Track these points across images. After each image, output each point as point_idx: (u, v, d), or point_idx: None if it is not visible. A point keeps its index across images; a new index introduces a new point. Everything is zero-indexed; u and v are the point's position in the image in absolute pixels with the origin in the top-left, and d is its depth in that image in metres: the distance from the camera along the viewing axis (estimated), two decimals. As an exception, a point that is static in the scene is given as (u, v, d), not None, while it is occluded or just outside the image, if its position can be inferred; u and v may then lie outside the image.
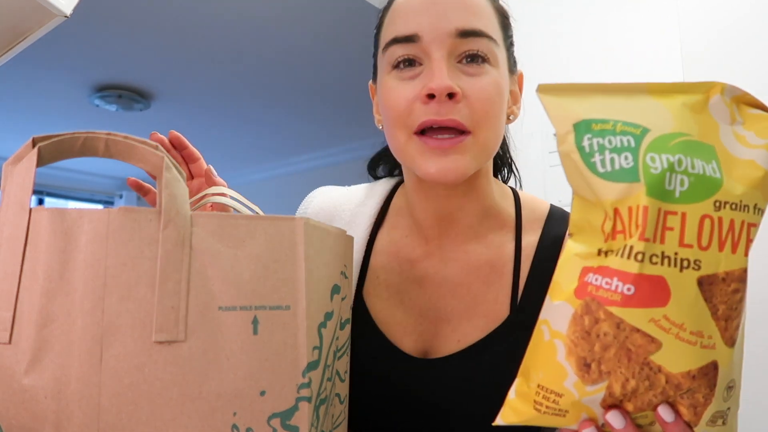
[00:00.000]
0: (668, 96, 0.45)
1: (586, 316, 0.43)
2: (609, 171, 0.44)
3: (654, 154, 0.42)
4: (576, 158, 0.45)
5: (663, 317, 0.41)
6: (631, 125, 0.44)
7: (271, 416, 0.44)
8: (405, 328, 0.65)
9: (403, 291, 0.67)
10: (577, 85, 0.48)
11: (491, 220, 0.67)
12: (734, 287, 0.41)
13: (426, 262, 0.67)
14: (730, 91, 0.44)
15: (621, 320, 0.41)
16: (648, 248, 0.41)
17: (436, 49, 0.58)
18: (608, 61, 1.63)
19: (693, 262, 0.41)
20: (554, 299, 0.46)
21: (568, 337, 0.44)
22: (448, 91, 0.56)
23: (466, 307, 0.64)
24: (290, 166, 4.46)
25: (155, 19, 2.45)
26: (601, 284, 0.43)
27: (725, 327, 0.41)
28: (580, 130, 0.46)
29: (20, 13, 0.47)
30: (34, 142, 0.45)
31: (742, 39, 1.29)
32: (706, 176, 0.42)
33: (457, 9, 0.58)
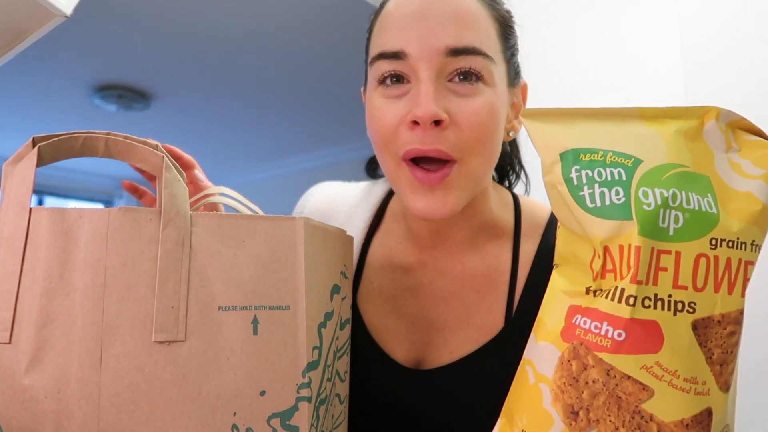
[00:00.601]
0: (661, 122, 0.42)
1: (574, 362, 0.40)
2: (599, 206, 0.41)
3: (647, 189, 0.40)
4: (563, 190, 0.42)
5: (655, 364, 0.38)
6: (623, 155, 0.41)
7: (271, 416, 0.44)
8: (397, 337, 0.64)
9: (396, 298, 0.66)
10: (564, 110, 0.44)
11: (488, 231, 0.65)
12: (730, 330, 0.39)
13: (420, 271, 0.66)
14: (725, 116, 0.42)
15: (611, 367, 0.39)
16: (640, 291, 0.38)
17: (424, 68, 0.53)
18: (608, 63, 1.63)
19: (687, 305, 0.39)
20: (539, 339, 0.43)
21: (554, 382, 0.41)
22: (433, 119, 0.52)
23: (459, 317, 0.63)
24: (290, 166, 4.46)
25: (155, 19, 2.45)
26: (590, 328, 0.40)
27: (720, 372, 0.39)
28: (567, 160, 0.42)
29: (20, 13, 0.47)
30: (34, 142, 0.45)
31: (743, 40, 1.29)
32: (701, 212, 0.39)
33: (449, 23, 0.53)
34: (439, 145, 0.53)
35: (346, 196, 0.75)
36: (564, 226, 0.44)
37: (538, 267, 0.62)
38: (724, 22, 1.33)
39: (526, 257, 0.63)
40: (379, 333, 0.64)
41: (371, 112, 0.57)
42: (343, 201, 0.74)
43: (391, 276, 0.67)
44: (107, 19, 2.43)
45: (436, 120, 0.53)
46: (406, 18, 0.54)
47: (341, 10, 2.25)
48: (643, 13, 1.59)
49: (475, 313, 0.62)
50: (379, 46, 0.56)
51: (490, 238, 0.65)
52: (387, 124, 0.55)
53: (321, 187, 0.79)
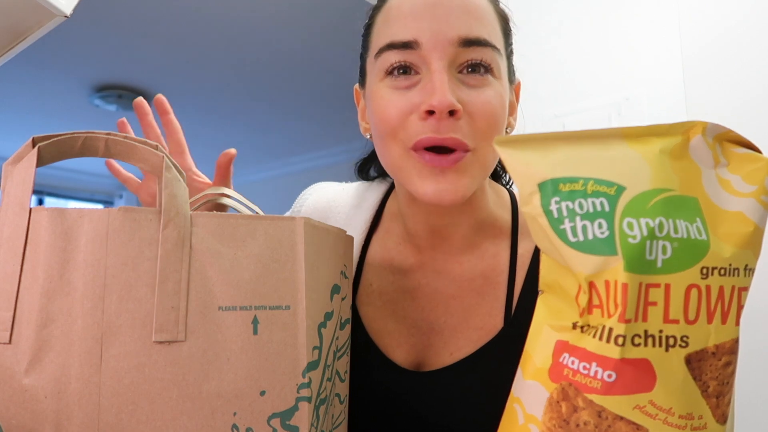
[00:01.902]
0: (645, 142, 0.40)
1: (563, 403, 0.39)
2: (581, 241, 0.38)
3: (631, 220, 0.37)
4: (543, 223, 0.40)
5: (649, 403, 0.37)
6: (605, 183, 0.39)
7: (271, 416, 0.44)
8: (397, 339, 0.64)
9: (396, 301, 0.65)
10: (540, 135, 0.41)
11: (486, 229, 0.65)
12: (725, 360, 0.38)
13: (418, 273, 0.65)
14: (711, 130, 0.40)
15: (602, 408, 0.37)
16: (629, 330, 0.37)
17: (437, 58, 0.53)
18: (608, 63, 1.63)
19: (680, 339, 0.37)
20: (527, 377, 0.41)
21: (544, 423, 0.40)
22: (450, 108, 0.52)
23: (459, 319, 0.62)
24: (290, 166, 4.46)
25: (155, 19, 2.45)
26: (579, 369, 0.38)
27: (717, 404, 0.38)
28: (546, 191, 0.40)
29: (20, 13, 0.47)
30: (34, 142, 0.45)
31: (743, 40, 1.29)
32: (690, 240, 0.37)
33: (461, 14, 0.53)
34: (454, 134, 0.53)
35: (343, 197, 0.75)
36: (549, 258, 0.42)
37: (536, 266, 0.62)
38: (724, 21, 1.33)
39: (524, 257, 0.63)
40: (378, 336, 0.64)
41: (377, 103, 0.56)
42: (341, 202, 0.74)
43: (390, 278, 0.66)
44: (107, 19, 2.43)
45: (452, 110, 0.52)
46: (417, 8, 0.54)
47: (342, 11, 2.25)
48: (643, 13, 1.59)
49: (474, 314, 0.62)
50: (388, 37, 0.55)
51: (488, 236, 0.65)
52: (396, 114, 0.54)
53: (317, 188, 0.78)
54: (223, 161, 0.67)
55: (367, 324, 0.65)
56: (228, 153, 0.65)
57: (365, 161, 0.77)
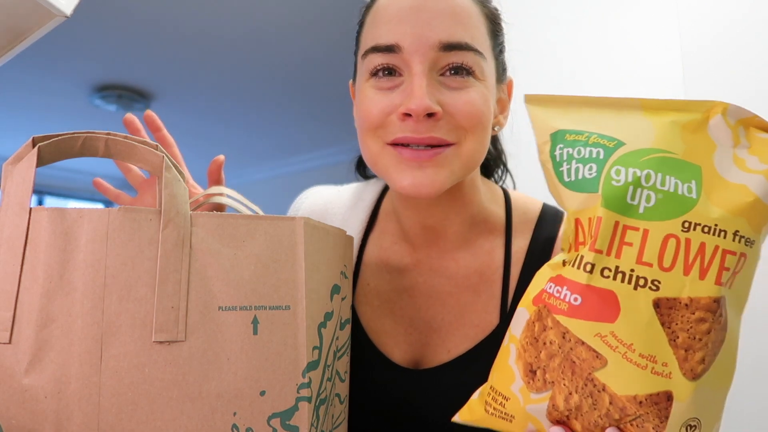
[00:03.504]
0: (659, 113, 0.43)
1: (537, 323, 0.42)
2: (572, 180, 0.43)
3: (620, 167, 0.41)
4: (549, 167, 0.45)
5: (610, 333, 0.39)
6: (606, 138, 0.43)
7: (271, 416, 0.44)
8: (395, 338, 0.64)
9: (393, 300, 0.66)
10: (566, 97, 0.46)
11: (480, 225, 0.65)
12: (699, 316, 0.39)
13: (415, 272, 0.66)
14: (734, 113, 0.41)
15: (567, 330, 0.40)
16: (598, 260, 0.39)
17: (418, 62, 0.54)
18: (607, 63, 1.63)
19: (651, 282, 0.39)
20: (519, 306, 0.45)
21: (520, 341, 0.43)
22: (426, 111, 0.53)
23: (456, 317, 0.63)
24: (290, 166, 4.46)
25: (155, 19, 2.45)
26: (553, 292, 0.42)
27: (685, 357, 0.39)
28: (555, 140, 0.45)
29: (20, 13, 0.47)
30: (34, 142, 0.45)
31: (742, 39, 1.29)
32: (677, 194, 0.40)
33: (443, 18, 0.54)
34: (433, 133, 0.54)
35: (339, 199, 0.75)
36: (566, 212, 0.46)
37: (530, 262, 0.62)
38: (724, 21, 1.33)
39: (518, 253, 0.64)
40: (377, 335, 0.65)
41: (361, 101, 0.58)
42: (337, 204, 0.74)
43: (387, 277, 0.67)
44: (107, 19, 2.43)
45: (430, 113, 0.53)
46: (401, 12, 0.55)
47: (341, 11, 2.25)
48: (643, 12, 1.59)
49: (471, 311, 0.63)
50: (373, 39, 0.56)
51: (482, 233, 0.65)
52: (376, 113, 0.56)
53: (314, 191, 0.79)
54: (213, 168, 0.68)
55: (365, 323, 0.66)
56: (216, 160, 0.66)
57: (361, 158, 0.78)
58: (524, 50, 1.72)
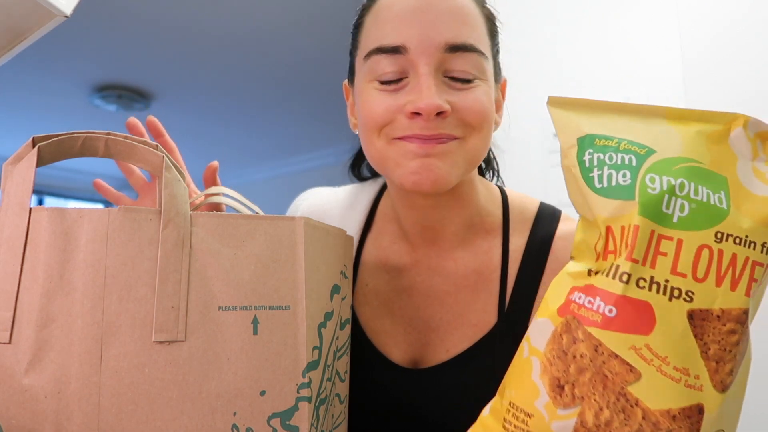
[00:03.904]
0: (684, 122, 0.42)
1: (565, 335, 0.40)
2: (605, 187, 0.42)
3: (654, 175, 0.40)
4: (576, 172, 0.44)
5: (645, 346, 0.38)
6: (637, 145, 0.42)
7: (271, 416, 0.44)
8: (394, 338, 0.64)
9: (392, 300, 0.66)
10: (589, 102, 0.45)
11: (478, 225, 0.65)
12: (730, 327, 0.38)
13: (413, 271, 0.66)
14: (754, 126, 0.41)
15: (599, 343, 0.39)
16: (635, 270, 0.38)
17: (425, 63, 0.54)
18: (607, 63, 1.63)
19: (685, 293, 0.38)
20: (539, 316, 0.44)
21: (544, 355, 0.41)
22: (437, 110, 0.53)
23: (454, 316, 0.63)
24: (290, 166, 4.46)
25: (155, 19, 2.45)
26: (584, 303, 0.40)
27: (716, 369, 0.38)
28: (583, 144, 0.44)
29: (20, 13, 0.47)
30: (34, 142, 0.45)
31: (742, 40, 1.29)
32: (710, 205, 0.39)
33: (448, 19, 0.54)
34: (442, 130, 0.54)
35: (336, 200, 0.75)
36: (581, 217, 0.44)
37: (527, 261, 0.63)
38: (724, 21, 1.33)
39: (516, 253, 0.64)
40: (376, 335, 0.65)
41: (364, 101, 0.57)
42: (334, 205, 0.74)
43: (385, 277, 0.67)
44: (107, 19, 2.43)
45: (440, 111, 0.53)
46: (406, 13, 0.55)
47: (341, 11, 2.25)
48: (643, 13, 1.59)
49: (469, 311, 0.63)
50: (377, 40, 0.56)
51: (480, 233, 0.65)
52: (382, 112, 0.56)
53: (312, 192, 0.79)
54: (208, 174, 0.68)
55: (364, 323, 0.66)
56: (211, 166, 0.67)
57: (356, 160, 0.78)
58: (524, 50, 1.72)
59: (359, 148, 0.77)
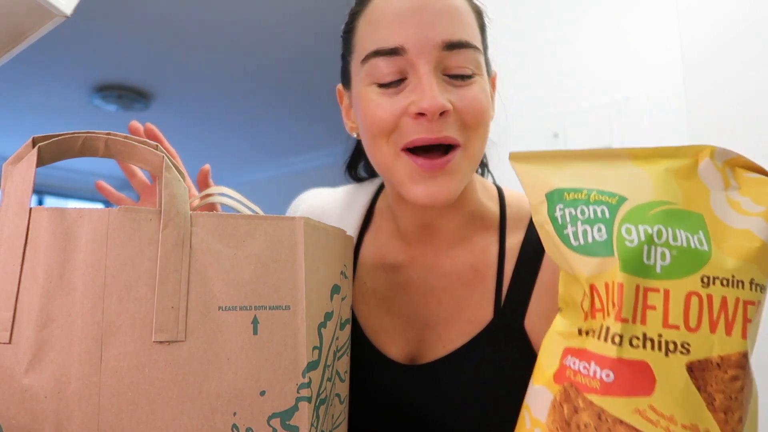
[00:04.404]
0: (651, 162, 0.41)
1: (565, 404, 0.39)
2: (582, 244, 0.40)
3: (630, 225, 0.39)
4: (549, 230, 0.42)
5: (649, 407, 0.36)
6: (607, 194, 0.41)
7: (271, 416, 0.44)
8: (392, 336, 0.65)
9: (390, 298, 0.66)
10: (553, 153, 0.44)
11: (475, 222, 0.66)
12: (732, 374, 0.37)
13: (410, 268, 0.66)
14: (721, 155, 0.40)
15: (602, 410, 0.37)
16: (626, 330, 0.37)
17: (424, 62, 0.54)
18: (608, 63, 1.63)
19: (680, 345, 0.37)
20: (535, 383, 0.42)
21: (547, 426, 0.40)
22: (441, 110, 0.53)
23: (451, 312, 0.63)
24: (290, 166, 4.46)
25: (155, 19, 2.45)
26: (579, 369, 0.39)
27: (725, 420, 0.36)
28: (552, 199, 0.42)
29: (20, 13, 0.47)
30: (34, 142, 0.45)
31: (742, 40, 1.29)
32: (690, 249, 0.38)
33: (443, 18, 0.55)
34: (446, 132, 0.54)
35: (335, 199, 0.76)
36: (562, 272, 0.43)
37: (523, 258, 0.63)
38: (724, 21, 1.33)
39: (512, 250, 0.64)
40: (374, 333, 0.65)
41: (365, 106, 0.57)
42: (333, 205, 0.75)
43: (383, 275, 0.67)
44: (107, 19, 2.43)
45: (443, 111, 0.54)
46: (402, 13, 0.55)
47: (341, 11, 2.25)
48: (643, 13, 1.59)
49: (465, 307, 0.63)
50: (374, 43, 0.56)
51: (477, 230, 0.66)
52: (387, 116, 0.55)
53: (311, 193, 0.79)
54: (201, 178, 0.69)
55: (362, 322, 0.66)
56: (203, 169, 0.68)
57: (352, 160, 0.78)
58: (524, 50, 1.72)
59: (354, 148, 0.77)
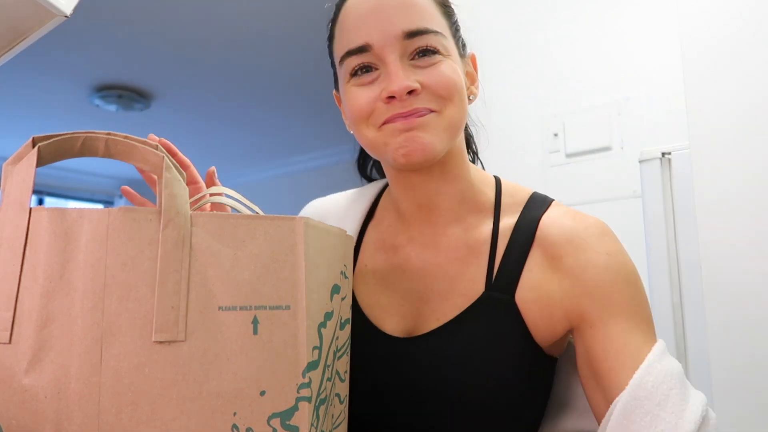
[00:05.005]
0: None
1: None
2: None
3: None
4: None
5: None
6: None
7: (271, 416, 0.44)
8: (388, 311, 0.68)
9: (387, 277, 0.70)
10: None
11: (470, 203, 0.69)
12: None
13: (408, 248, 0.70)
14: None
15: None
16: None
17: (389, 53, 0.61)
18: (607, 63, 1.63)
19: None
20: None
21: None
22: (407, 90, 0.59)
23: (445, 287, 0.66)
24: (290, 166, 4.46)
25: (155, 19, 2.45)
26: None
27: None
28: None
29: (20, 13, 0.47)
30: (34, 142, 0.45)
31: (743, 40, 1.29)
32: None
33: (401, 11, 0.61)
34: (417, 105, 0.61)
35: (344, 196, 0.81)
36: None
37: (516, 238, 0.66)
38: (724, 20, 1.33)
39: (505, 230, 0.67)
40: (370, 309, 0.68)
41: (349, 100, 0.64)
42: (342, 200, 0.80)
43: (383, 257, 0.71)
44: (107, 19, 2.43)
45: (410, 90, 0.60)
46: (364, 15, 0.62)
47: (341, 10, 2.25)
48: (643, 13, 1.58)
49: (459, 282, 0.66)
50: (345, 46, 0.63)
51: (472, 211, 0.69)
52: (364, 104, 0.62)
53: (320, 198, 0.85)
54: (207, 180, 0.72)
55: (360, 300, 0.69)
56: (209, 172, 0.72)
57: (361, 158, 0.84)
58: (524, 50, 1.72)
59: (361, 149, 0.81)
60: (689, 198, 1.21)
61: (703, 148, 1.17)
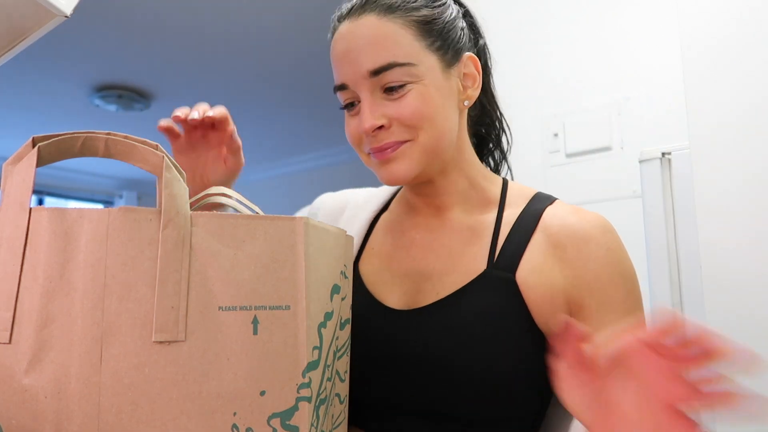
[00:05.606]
0: None
1: None
2: None
3: None
4: None
5: None
6: None
7: (271, 416, 0.44)
8: (391, 288, 0.71)
9: (392, 256, 0.74)
10: None
11: (475, 197, 0.73)
12: None
13: (413, 230, 0.75)
14: None
15: None
16: None
17: (360, 91, 0.66)
18: (608, 63, 1.63)
19: None
20: None
21: None
22: (373, 128, 0.65)
23: (446, 265, 0.69)
24: (290, 166, 4.46)
25: (155, 20, 2.45)
26: None
27: None
28: None
29: (20, 13, 0.47)
30: (34, 141, 0.45)
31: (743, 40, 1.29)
32: None
33: (365, 50, 0.65)
34: (389, 139, 0.66)
35: (362, 190, 0.87)
36: None
37: (520, 224, 0.69)
38: (724, 20, 1.33)
39: (509, 218, 0.70)
40: (373, 285, 0.72)
41: (345, 125, 0.71)
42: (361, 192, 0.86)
43: (390, 240, 0.76)
44: (107, 19, 2.43)
45: (379, 126, 0.65)
46: (338, 57, 0.68)
47: (341, 10, 2.25)
48: (643, 13, 1.58)
49: (460, 260, 0.69)
50: (334, 80, 0.70)
51: (478, 204, 0.73)
52: (353, 134, 0.70)
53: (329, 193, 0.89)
54: None
55: (365, 279, 0.74)
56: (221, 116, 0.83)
57: None
58: (524, 50, 1.72)
59: None
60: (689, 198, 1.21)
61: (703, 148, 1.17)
